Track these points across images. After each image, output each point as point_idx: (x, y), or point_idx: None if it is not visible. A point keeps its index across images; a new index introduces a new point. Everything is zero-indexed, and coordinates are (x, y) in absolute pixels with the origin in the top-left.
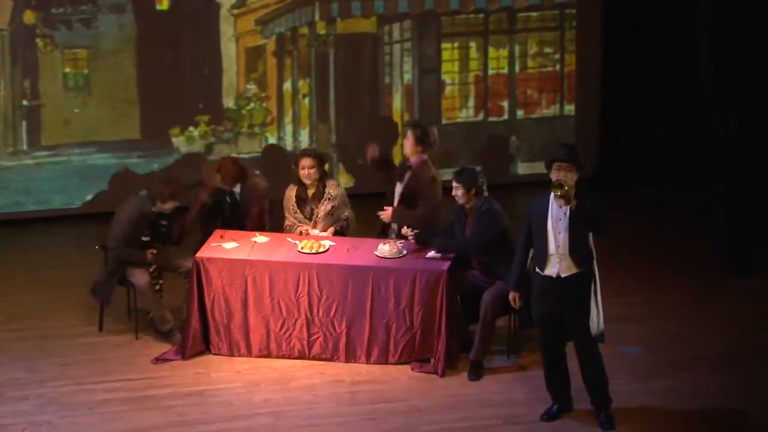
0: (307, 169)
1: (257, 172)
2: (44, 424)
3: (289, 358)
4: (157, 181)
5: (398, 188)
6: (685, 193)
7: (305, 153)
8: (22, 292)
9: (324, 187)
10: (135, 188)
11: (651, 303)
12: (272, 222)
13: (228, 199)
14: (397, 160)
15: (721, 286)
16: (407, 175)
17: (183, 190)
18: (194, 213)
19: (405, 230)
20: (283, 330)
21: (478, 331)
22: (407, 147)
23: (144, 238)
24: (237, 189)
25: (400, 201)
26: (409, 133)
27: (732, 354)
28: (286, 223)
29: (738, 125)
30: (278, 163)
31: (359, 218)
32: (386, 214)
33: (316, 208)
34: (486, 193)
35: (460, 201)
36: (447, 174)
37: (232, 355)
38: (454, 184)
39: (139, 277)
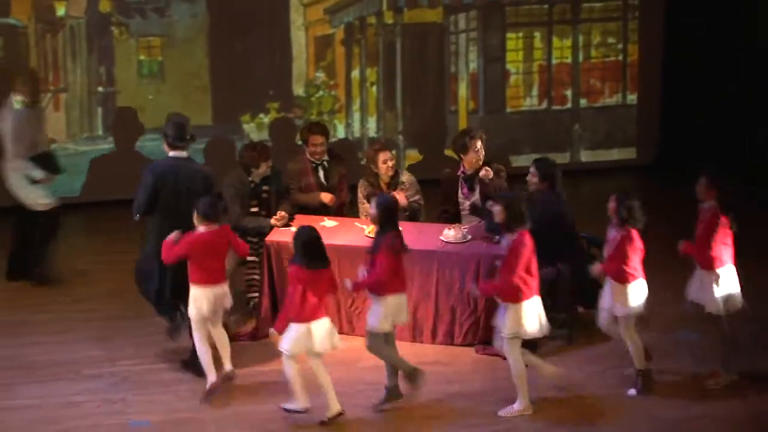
0: (389, 162)
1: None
2: (118, 402)
3: (359, 335)
4: (245, 149)
5: (471, 198)
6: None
7: (384, 147)
8: (91, 273)
9: (397, 176)
10: None
11: None
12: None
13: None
14: None
15: None
16: (478, 187)
17: (269, 151)
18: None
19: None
20: (353, 308)
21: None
22: (475, 161)
23: (252, 209)
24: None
25: (473, 211)
26: (479, 143)
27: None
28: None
29: None
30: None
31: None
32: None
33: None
34: (557, 189)
35: (532, 187)
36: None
37: None
38: (532, 170)
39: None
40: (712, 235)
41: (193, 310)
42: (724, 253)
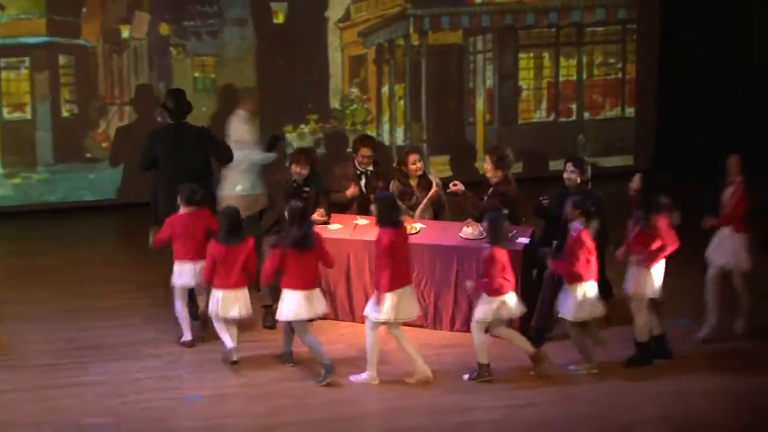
0: (417, 163)
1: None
2: (174, 378)
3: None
4: (295, 149)
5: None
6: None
7: (413, 150)
8: (155, 264)
9: (427, 176)
10: None
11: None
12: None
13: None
14: None
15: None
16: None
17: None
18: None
19: (452, 186)
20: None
21: (539, 299)
22: (488, 170)
23: None
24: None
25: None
26: (487, 158)
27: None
28: None
29: None
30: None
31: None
32: (458, 188)
33: (421, 196)
34: (590, 186)
35: (574, 183)
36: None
37: (337, 319)
38: (571, 167)
39: None
40: (577, 252)
41: (176, 282)
42: (587, 269)
